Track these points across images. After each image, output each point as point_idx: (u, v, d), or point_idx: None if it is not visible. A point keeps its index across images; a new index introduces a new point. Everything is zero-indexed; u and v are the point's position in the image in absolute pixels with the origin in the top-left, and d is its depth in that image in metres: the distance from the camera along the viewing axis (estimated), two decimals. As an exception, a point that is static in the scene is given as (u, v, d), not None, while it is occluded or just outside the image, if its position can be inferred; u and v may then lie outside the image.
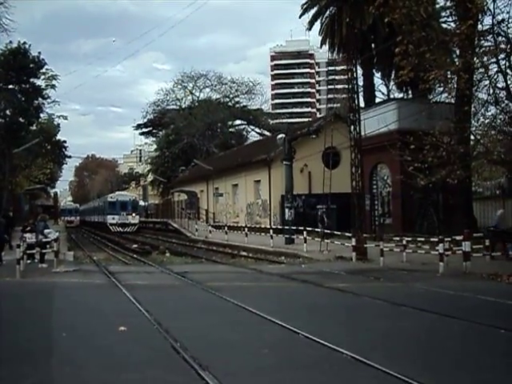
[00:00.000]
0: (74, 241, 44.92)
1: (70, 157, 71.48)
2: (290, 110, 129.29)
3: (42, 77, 50.15)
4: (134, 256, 29.10)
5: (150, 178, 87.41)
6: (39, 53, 47.61)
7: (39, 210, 61.15)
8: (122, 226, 57.85)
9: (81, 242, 43.17)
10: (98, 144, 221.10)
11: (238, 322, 10.35)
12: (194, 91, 78.83)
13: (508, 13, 20.37)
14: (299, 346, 8.44)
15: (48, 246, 21.56)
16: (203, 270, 21.02)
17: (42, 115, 55.23)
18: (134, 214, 59.68)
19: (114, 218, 58.40)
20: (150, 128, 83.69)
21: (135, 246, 35.28)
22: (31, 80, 48.16)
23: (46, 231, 21.98)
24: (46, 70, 50.25)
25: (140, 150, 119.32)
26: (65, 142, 67.98)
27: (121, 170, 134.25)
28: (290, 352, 8.14)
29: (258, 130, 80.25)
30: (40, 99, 50.11)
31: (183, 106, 78.72)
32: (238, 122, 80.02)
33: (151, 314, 10.72)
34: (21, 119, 48.17)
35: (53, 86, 51.61)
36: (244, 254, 28.76)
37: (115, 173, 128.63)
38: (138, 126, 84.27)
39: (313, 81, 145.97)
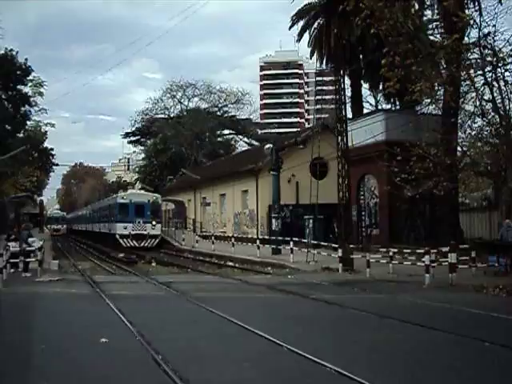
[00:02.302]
0: (60, 250, 44.53)
1: (57, 165, 70.94)
2: (278, 120, 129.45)
3: (29, 84, 49.91)
4: (120, 265, 28.85)
5: (138, 186, 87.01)
6: (26, 59, 47.38)
7: (25, 218, 60.77)
8: (138, 238, 42.33)
9: (67, 251, 42.80)
10: (86, 152, 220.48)
11: (221, 334, 10.25)
12: (182, 100, 78.76)
13: (494, 26, 20.51)
14: (282, 359, 8.33)
15: (32, 254, 21.33)
16: (189, 280, 20.87)
17: (28, 123, 54.94)
18: (154, 222, 43.41)
19: (125, 228, 42.54)
20: (139, 137, 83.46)
21: (121, 255, 34.99)
22: (18, 87, 47.89)
23: (30, 240, 21.76)
24: (34, 76, 50.03)
25: (128, 159, 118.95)
26: (52, 149, 67.53)
27: (108, 179, 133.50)
28: (272, 365, 8.02)
29: (246, 139, 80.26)
30: (27, 106, 49.84)
31: (172, 115, 78.58)
32: (226, 131, 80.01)
33: (134, 325, 10.58)
34: (7, 126, 47.84)
35: (40, 93, 51.35)
36: (230, 264, 28.61)
37: (103, 181, 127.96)
38: (127, 135, 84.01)
39: (302, 91, 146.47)
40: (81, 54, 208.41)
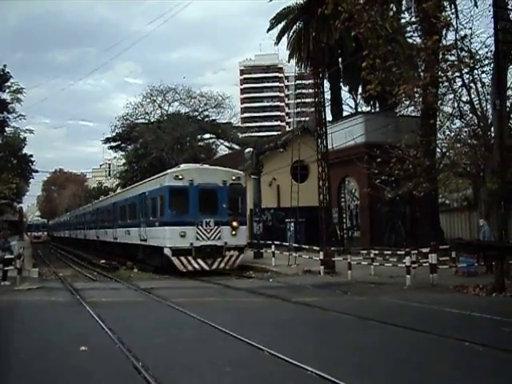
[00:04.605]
0: (41, 257, 44.09)
1: (36, 171, 70.40)
2: (259, 124, 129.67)
3: (7, 90, 49.40)
4: (101, 272, 28.61)
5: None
6: (4, 66, 47.01)
7: (4, 225, 60.08)
8: (207, 255, 24.45)
9: (47, 259, 42.36)
10: (68, 158, 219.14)
11: (201, 339, 10.19)
12: (162, 105, 78.39)
13: (470, 28, 20.72)
14: (263, 363, 8.30)
15: (13, 262, 21.07)
16: (170, 285, 20.75)
17: (7, 129, 54.38)
18: (235, 224, 25.23)
19: (183, 235, 24.19)
20: (119, 142, 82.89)
21: (102, 261, 34.70)
22: (-5, 94, 47.48)
23: (12, 243, 21.63)
24: (12, 83, 49.53)
25: (109, 164, 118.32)
26: (31, 156, 67.06)
27: (89, 185, 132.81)
28: (253, 370, 8.00)
29: (227, 143, 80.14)
30: (5, 113, 49.36)
31: (152, 120, 78.20)
32: (207, 135, 79.77)
33: (114, 332, 10.49)
34: (-15, 133, 47.43)
35: (18, 100, 50.83)
36: (212, 268, 28.32)
37: (84, 187, 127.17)
38: (107, 140, 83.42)
39: (282, 94, 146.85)
40: (63, 58, 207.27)
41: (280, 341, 9.88)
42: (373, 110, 40.34)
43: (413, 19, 28.37)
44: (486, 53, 20.49)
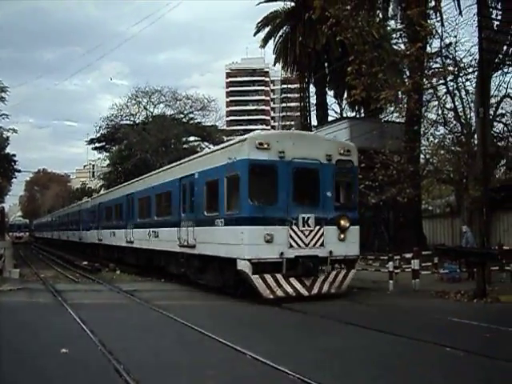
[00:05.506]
0: (22, 258, 43.66)
1: (19, 171, 69.66)
2: (244, 127, 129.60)
3: (-10, 89, 48.94)
4: (83, 273, 28.40)
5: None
6: (-13, 65, 46.63)
7: (-15, 225, 59.56)
8: (306, 270, 15.61)
9: (29, 259, 41.96)
10: (51, 158, 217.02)
11: (184, 342, 10.16)
12: (148, 107, 78.15)
13: (455, 37, 20.96)
14: (245, 367, 8.30)
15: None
16: (153, 288, 20.62)
17: (-11, 128, 53.97)
18: (343, 222, 16.51)
19: (269, 240, 15.07)
20: (103, 143, 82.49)
21: (85, 263, 34.46)
22: (-22, 93, 47.02)
23: None
24: (-6, 82, 49.05)
25: (93, 165, 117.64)
26: (14, 155, 66.51)
27: (73, 185, 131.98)
28: (235, 373, 7.99)
29: (212, 146, 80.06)
30: (-13, 112, 48.99)
31: (137, 122, 77.95)
32: (192, 138, 79.64)
33: (96, 334, 10.43)
34: (-33, 133, 46.97)
35: (2, 99, 50.38)
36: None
37: (67, 188, 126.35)
38: (91, 141, 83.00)
39: (267, 98, 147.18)
40: (49, 57, 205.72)
41: (262, 344, 9.87)
42: (358, 116, 40.50)
43: (399, 26, 28.58)
44: (471, 61, 20.79)
